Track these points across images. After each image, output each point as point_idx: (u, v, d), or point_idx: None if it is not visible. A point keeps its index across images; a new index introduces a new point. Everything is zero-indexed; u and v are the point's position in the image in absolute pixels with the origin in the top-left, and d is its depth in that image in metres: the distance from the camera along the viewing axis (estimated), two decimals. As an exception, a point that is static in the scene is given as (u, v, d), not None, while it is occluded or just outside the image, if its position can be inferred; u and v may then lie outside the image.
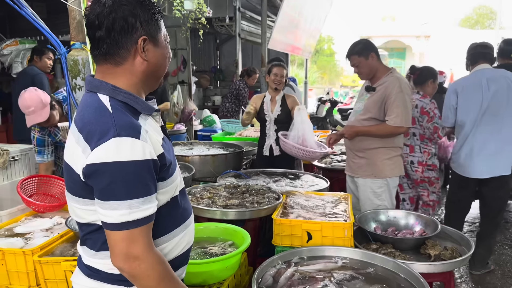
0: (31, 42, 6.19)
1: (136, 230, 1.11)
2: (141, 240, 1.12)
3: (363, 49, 3.06)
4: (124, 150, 1.08)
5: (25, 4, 2.58)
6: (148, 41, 1.21)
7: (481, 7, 38.47)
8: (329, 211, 2.52)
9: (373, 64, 3.07)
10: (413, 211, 3.54)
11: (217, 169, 3.59)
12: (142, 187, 1.11)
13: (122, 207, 1.09)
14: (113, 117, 1.13)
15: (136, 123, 1.15)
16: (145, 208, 1.12)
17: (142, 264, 1.12)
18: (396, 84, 2.95)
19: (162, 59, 1.27)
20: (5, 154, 2.96)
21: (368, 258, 2.06)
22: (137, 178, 1.10)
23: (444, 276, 2.22)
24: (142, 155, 1.11)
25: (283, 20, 7.26)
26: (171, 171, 1.26)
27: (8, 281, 2.01)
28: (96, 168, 1.09)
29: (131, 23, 1.17)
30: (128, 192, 1.09)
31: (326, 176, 3.54)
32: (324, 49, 32.50)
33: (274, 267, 1.99)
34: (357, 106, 3.21)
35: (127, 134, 1.10)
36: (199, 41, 7.09)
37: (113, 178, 1.08)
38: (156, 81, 1.31)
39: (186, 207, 1.38)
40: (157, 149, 1.18)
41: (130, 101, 1.20)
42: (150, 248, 1.14)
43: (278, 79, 3.88)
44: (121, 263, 1.13)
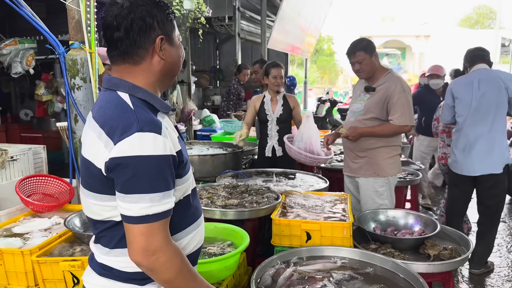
0: (30, 41, 6.17)
1: (156, 224, 1.13)
2: (160, 234, 1.14)
3: (368, 46, 3.05)
4: (147, 145, 1.11)
5: (24, 4, 2.58)
6: (165, 40, 1.24)
7: (481, 7, 38.48)
8: (328, 211, 2.52)
9: (375, 63, 3.07)
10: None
11: (216, 169, 3.58)
12: (163, 181, 1.13)
13: (144, 200, 1.11)
14: (135, 113, 1.15)
15: (157, 119, 1.18)
16: (165, 202, 1.14)
17: (161, 257, 1.13)
18: (398, 84, 2.97)
19: (177, 58, 1.30)
20: (4, 154, 2.96)
21: (367, 258, 2.06)
22: (159, 173, 1.12)
23: (443, 276, 2.22)
24: (163, 150, 1.13)
25: (282, 20, 7.26)
26: (187, 169, 1.29)
27: (7, 281, 2.01)
28: (120, 161, 1.10)
29: (149, 23, 1.21)
30: (150, 185, 1.11)
31: (326, 176, 3.54)
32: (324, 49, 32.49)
33: (273, 267, 1.99)
34: (355, 106, 3.20)
35: (149, 129, 1.12)
36: (198, 40, 7.09)
37: (136, 171, 1.10)
38: (171, 80, 1.35)
39: (198, 206, 1.40)
40: (176, 145, 1.21)
41: (149, 99, 1.23)
42: (168, 241, 1.16)
43: (278, 80, 3.84)
44: (140, 257, 1.13)
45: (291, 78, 7.63)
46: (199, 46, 9.35)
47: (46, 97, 6.86)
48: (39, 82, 6.97)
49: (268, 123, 3.90)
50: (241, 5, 7.57)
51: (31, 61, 6.04)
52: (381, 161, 3.06)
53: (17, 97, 8.38)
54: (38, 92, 6.92)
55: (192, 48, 8.09)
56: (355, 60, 3.06)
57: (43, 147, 3.37)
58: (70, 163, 2.97)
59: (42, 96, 6.90)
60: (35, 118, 7.09)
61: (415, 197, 4.29)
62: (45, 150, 3.37)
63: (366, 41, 3.11)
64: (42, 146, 3.40)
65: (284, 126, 3.89)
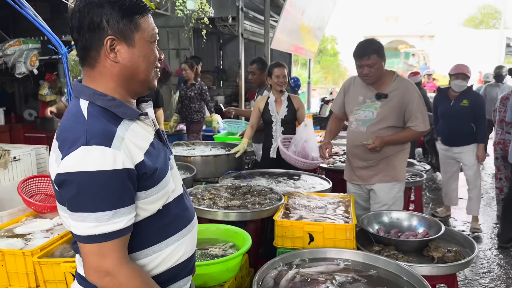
0: (34, 42, 6.20)
1: (106, 244, 1.06)
2: (112, 255, 1.07)
3: (381, 49, 2.88)
4: (92, 159, 1.03)
5: (27, 4, 2.58)
6: (119, 41, 1.14)
7: (486, 7, 38.28)
8: (331, 213, 2.50)
9: (383, 68, 2.93)
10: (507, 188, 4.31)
11: (218, 169, 3.57)
12: (112, 199, 1.05)
13: (89, 219, 1.04)
14: (86, 124, 1.08)
15: (111, 131, 1.09)
16: (116, 221, 1.06)
17: (115, 279, 1.08)
18: (413, 90, 2.90)
19: (139, 61, 1.18)
20: (7, 154, 2.96)
21: (370, 260, 2.04)
22: (107, 189, 1.04)
23: (447, 278, 2.20)
24: (112, 165, 1.04)
25: (286, 20, 7.24)
26: (157, 179, 1.18)
27: (8, 282, 2.00)
28: (65, 177, 1.05)
29: (96, 22, 1.12)
30: (95, 204, 1.04)
31: (329, 177, 3.52)
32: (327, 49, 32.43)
33: (275, 269, 1.97)
34: (362, 114, 2.99)
35: (96, 142, 1.04)
36: (202, 41, 7.09)
37: (80, 188, 1.03)
38: (139, 85, 1.22)
39: (183, 214, 1.32)
40: (136, 157, 1.11)
41: (110, 107, 1.15)
42: (122, 263, 1.09)
43: (281, 80, 3.82)
44: (93, 278, 1.09)
45: (295, 79, 7.61)
46: (203, 46, 9.35)
47: (50, 97, 6.89)
48: (43, 82, 7.01)
49: (273, 124, 3.88)
50: (245, 5, 7.56)
51: (35, 61, 6.06)
52: (399, 166, 3.02)
53: (21, 97, 8.42)
54: (41, 92, 6.95)
55: (195, 48, 8.10)
56: (366, 63, 2.84)
57: (45, 147, 3.38)
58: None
59: (45, 96, 6.93)
60: (39, 118, 7.12)
61: (419, 199, 4.26)
62: (48, 151, 3.37)
63: (378, 43, 2.91)
64: (45, 146, 3.40)
65: (288, 127, 3.87)
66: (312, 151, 3.46)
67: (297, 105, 3.90)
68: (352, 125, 3.10)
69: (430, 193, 6.31)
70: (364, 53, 2.85)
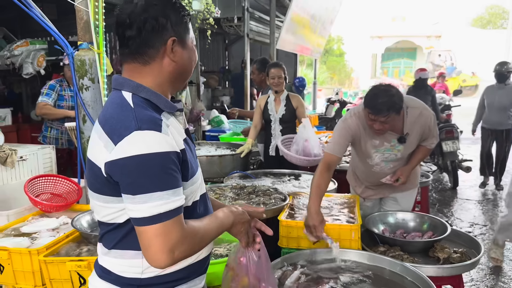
0: (41, 42, 6.24)
1: (170, 222, 1.10)
2: (176, 229, 1.11)
3: (401, 105, 2.44)
4: (147, 143, 1.08)
5: (34, 5, 2.59)
6: (177, 42, 1.21)
7: (493, 7, 37.99)
8: (336, 213, 2.50)
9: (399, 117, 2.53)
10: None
11: (224, 169, 3.58)
12: (169, 178, 1.10)
13: (153, 199, 1.08)
14: (134, 112, 1.13)
15: (157, 117, 1.15)
16: (175, 199, 1.11)
17: (182, 247, 1.12)
18: (429, 116, 2.61)
19: (189, 62, 1.27)
20: (14, 153, 2.98)
21: (375, 261, 2.03)
22: (163, 170, 1.09)
23: (453, 279, 2.19)
24: (165, 147, 1.10)
25: (291, 20, 7.23)
26: (192, 172, 1.24)
27: (14, 281, 2.02)
28: (122, 162, 1.08)
29: (161, 23, 1.18)
30: (156, 183, 1.08)
31: (334, 177, 3.50)
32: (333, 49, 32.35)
33: (280, 269, 1.97)
34: (383, 156, 2.69)
35: (148, 127, 1.10)
36: (207, 41, 7.09)
37: (139, 171, 1.07)
38: (181, 83, 1.31)
39: (207, 213, 1.36)
40: (179, 143, 1.18)
41: (152, 98, 1.20)
42: (184, 231, 1.13)
43: (276, 81, 3.85)
44: (163, 260, 1.10)
45: (300, 79, 7.59)
46: (208, 47, 9.36)
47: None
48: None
49: (272, 123, 3.93)
50: (250, 5, 7.56)
51: (42, 61, 6.11)
52: (418, 172, 3.01)
53: (28, 97, 8.47)
54: (48, 92, 6.97)
55: (201, 49, 8.10)
56: (380, 120, 2.43)
57: (52, 147, 3.40)
58: (78, 163, 2.98)
59: (52, 97, 6.95)
60: (46, 118, 7.14)
61: (425, 199, 4.24)
62: (54, 150, 3.39)
63: (396, 96, 2.40)
64: (51, 146, 3.42)
65: (287, 126, 3.91)
66: (314, 148, 3.50)
67: (295, 104, 3.91)
68: (374, 168, 2.78)
69: (436, 194, 6.28)
70: (381, 111, 2.40)
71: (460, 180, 6.58)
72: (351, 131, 2.61)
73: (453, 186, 6.49)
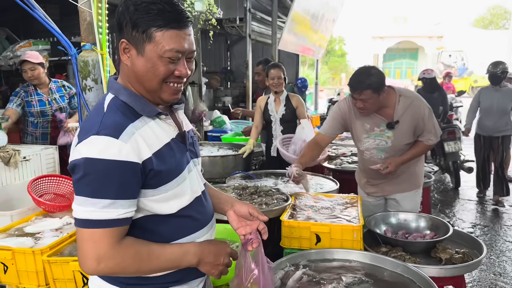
0: (44, 43, 6.26)
1: (98, 231, 1.09)
2: (104, 241, 1.09)
3: (380, 84, 2.60)
4: (98, 148, 1.08)
5: (37, 6, 2.61)
6: (131, 47, 1.18)
7: (495, 7, 37.95)
8: (338, 213, 2.50)
9: (382, 99, 2.67)
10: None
11: (226, 170, 3.59)
12: (112, 188, 1.08)
13: (87, 204, 1.08)
14: (103, 117, 1.14)
15: (122, 124, 1.13)
16: (110, 210, 1.09)
17: (110, 262, 1.11)
18: (422, 106, 2.72)
19: (144, 71, 1.18)
20: (17, 154, 2.99)
21: (377, 261, 2.03)
22: (108, 178, 1.08)
23: (455, 280, 2.18)
24: (117, 155, 1.08)
25: (293, 21, 7.24)
26: (165, 179, 1.20)
27: (18, 281, 2.02)
28: (75, 162, 1.11)
29: (120, 24, 1.19)
30: (95, 190, 1.08)
31: (336, 177, 3.52)
32: (335, 49, 32.36)
33: (282, 269, 1.97)
34: (375, 143, 2.82)
35: (105, 133, 1.09)
36: (209, 42, 7.10)
37: (84, 173, 1.08)
38: (147, 93, 1.23)
39: (198, 217, 1.33)
40: (143, 153, 1.14)
41: (130, 102, 1.20)
42: (113, 247, 1.11)
43: (275, 81, 3.86)
44: (87, 266, 1.11)
45: (302, 80, 7.60)
46: (210, 48, 9.37)
47: (59, 98, 6.93)
48: (52, 83, 7.04)
49: (272, 124, 3.95)
50: (252, 6, 7.57)
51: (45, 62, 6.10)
52: (419, 172, 3.01)
53: (31, 98, 8.48)
54: (51, 93, 6.99)
55: (203, 50, 8.12)
56: (360, 97, 2.62)
57: (55, 147, 3.41)
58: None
59: (55, 97, 6.97)
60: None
61: (427, 199, 4.24)
62: (57, 151, 3.41)
63: (375, 75, 2.59)
64: (54, 146, 3.43)
65: (287, 126, 3.93)
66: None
67: (295, 103, 3.94)
68: (365, 154, 2.92)
69: (438, 194, 6.27)
70: (357, 87, 2.61)
71: (462, 181, 6.57)
72: (341, 113, 2.87)
73: (455, 187, 6.49)
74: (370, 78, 2.58)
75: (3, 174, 2.94)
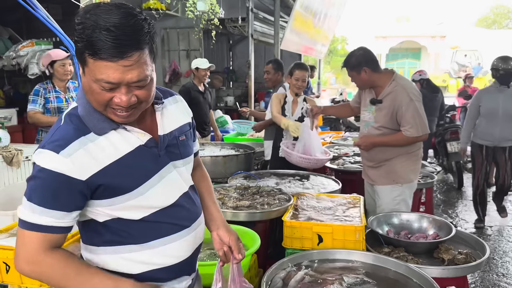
0: (47, 43, 6.27)
1: (28, 233, 1.13)
2: (33, 245, 1.13)
3: (355, 64, 2.96)
4: (42, 159, 1.13)
5: (39, 6, 2.61)
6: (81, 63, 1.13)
7: (499, 7, 37.82)
8: (340, 214, 2.50)
9: (366, 78, 2.97)
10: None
11: (228, 170, 3.59)
12: (43, 196, 1.12)
13: (25, 205, 1.14)
14: (57, 129, 1.18)
15: (69, 139, 1.14)
16: (40, 217, 1.12)
17: (34, 267, 1.15)
18: (404, 94, 2.86)
19: (87, 91, 1.14)
20: (19, 154, 3.00)
21: (380, 262, 2.03)
22: (44, 187, 1.12)
23: (458, 281, 2.18)
24: (55, 168, 1.11)
25: (296, 21, 7.23)
26: (119, 191, 1.18)
27: (20, 280, 2.02)
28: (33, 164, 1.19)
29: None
30: (33, 194, 1.13)
31: (338, 177, 3.51)
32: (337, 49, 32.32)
33: (284, 269, 1.97)
34: (366, 116, 3.11)
35: (49, 148, 1.13)
36: (212, 42, 7.11)
37: (31, 176, 1.15)
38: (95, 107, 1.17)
39: (175, 222, 1.30)
40: (88, 170, 1.14)
41: (83, 116, 1.19)
42: (42, 253, 1.13)
43: (299, 83, 3.76)
44: (18, 266, 1.16)
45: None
46: (212, 47, 9.38)
47: (62, 97, 6.95)
48: (55, 83, 7.06)
49: None
50: (255, 6, 7.57)
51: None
52: (400, 169, 3.01)
53: (33, 97, 8.50)
54: (53, 93, 7.01)
55: (205, 49, 8.12)
56: (348, 74, 3.06)
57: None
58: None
59: (57, 97, 6.98)
60: (51, 119, 7.18)
61: (430, 200, 4.22)
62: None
63: (354, 57, 2.99)
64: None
65: None
66: (316, 151, 3.49)
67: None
68: (361, 126, 3.23)
69: (441, 194, 6.26)
70: (342, 65, 3.09)
71: (465, 181, 6.55)
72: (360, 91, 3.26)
73: (457, 187, 6.47)
74: (350, 58, 3.00)
75: (5, 173, 2.95)
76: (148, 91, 1.17)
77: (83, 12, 1.07)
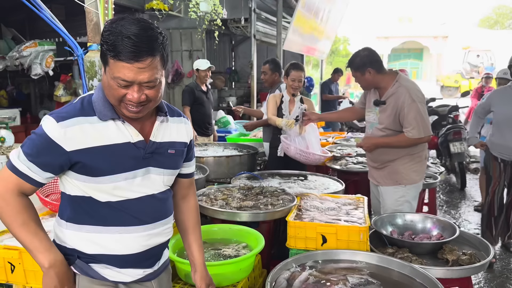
0: (50, 43, 6.29)
1: (9, 173, 1.33)
2: (8, 185, 1.32)
3: (360, 65, 2.96)
4: (45, 123, 1.33)
5: (43, 6, 2.62)
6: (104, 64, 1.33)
7: (501, 7, 37.73)
8: (344, 214, 2.50)
9: (371, 79, 2.98)
10: None
11: (231, 170, 3.59)
12: (32, 148, 1.32)
13: (17, 150, 1.35)
14: (68, 105, 1.38)
15: (72, 114, 1.33)
16: (21, 162, 1.32)
17: (3, 204, 1.32)
18: (406, 95, 2.85)
19: (106, 87, 1.34)
20: (23, 154, 3.01)
21: (384, 262, 2.03)
22: (36, 142, 1.32)
23: (462, 282, 2.17)
24: (49, 132, 1.31)
25: (298, 21, 7.24)
26: (93, 173, 1.35)
27: (25, 280, 2.03)
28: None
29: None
30: (25, 144, 1.34)
31: (342, 178, 3.51)
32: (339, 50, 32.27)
33: (288, 270, 1.97)
34: (371, 117, 3.12)
35: (53, 116, 1.33)
36: (214, 42, 7.12)
37: (33, 131, 1.36)
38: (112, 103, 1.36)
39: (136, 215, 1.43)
40: (75, 144, 1.32)
41: (94, 101, 1.38)
42: (12, 193, 1.32)
43: (296, 84, 3.77)
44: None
45: (308, 79, 7.60)
46: (215, 48, 9.39)
47: (65, 98, 6.98)
48: (58, 83, 7.10)
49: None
50: (257, 6, 7.57)
51: (50, 62, 6.15)
52: (404, 171, 3.00)
53: (36, 98, 8.54)
54: (57, 93, 7.04)
55: (208, 50, 8.13)
56: (352, 74, 3.07)
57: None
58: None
59: (60, 97, 7.02)
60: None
61: (433, 201, 4.22)
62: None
63: (359, 57, 2.99)
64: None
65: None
66: (314, 150, 3.54)
67: (308, 108, 3.88)
68: (366, 127, 3.24)
69: (444, 195, 6.25)
70: (347, 66, 3.09)
71: (468, 182, 6.54)
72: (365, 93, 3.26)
73: (461, 188, 6.46)
74: (355, 58, 3.00)
75: (9, 174, 2.95)
76: (157, 92, 1.35)
77: (110, 22, 1.28)
